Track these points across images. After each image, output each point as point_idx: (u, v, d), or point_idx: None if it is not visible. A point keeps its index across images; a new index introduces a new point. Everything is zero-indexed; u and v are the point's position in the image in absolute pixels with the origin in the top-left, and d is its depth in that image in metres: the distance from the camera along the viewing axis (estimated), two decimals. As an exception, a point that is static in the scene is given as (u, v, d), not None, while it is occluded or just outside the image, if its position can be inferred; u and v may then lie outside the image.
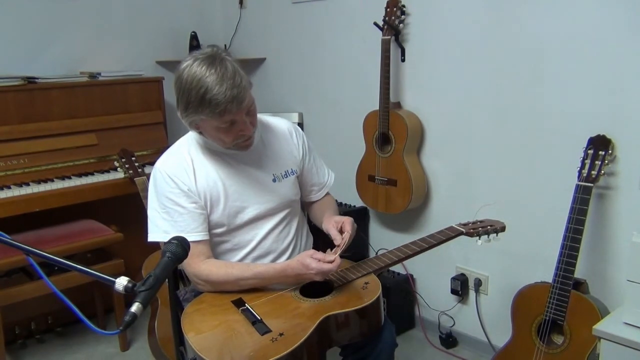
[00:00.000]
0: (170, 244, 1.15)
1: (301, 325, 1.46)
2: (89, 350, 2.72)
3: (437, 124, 2.61)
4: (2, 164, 2.60)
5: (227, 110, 1.47)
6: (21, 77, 2.76)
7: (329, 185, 1.91)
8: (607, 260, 2.10)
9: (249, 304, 1.56)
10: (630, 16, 1.94)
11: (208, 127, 1.54)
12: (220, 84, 1.44)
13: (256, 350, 1.39)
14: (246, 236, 1.69)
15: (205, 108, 1.47)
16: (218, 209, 1.64)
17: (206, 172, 1.63)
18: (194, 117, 1.52)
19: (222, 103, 1.45)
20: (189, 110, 1.51)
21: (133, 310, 1.02)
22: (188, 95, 1.48)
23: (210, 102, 1.45)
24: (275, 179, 1.72)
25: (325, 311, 1.49)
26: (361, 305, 1.52)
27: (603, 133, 1.99)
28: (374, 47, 2.62)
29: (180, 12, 3.51)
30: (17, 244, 1.10)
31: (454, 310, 2.70)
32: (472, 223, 1.79)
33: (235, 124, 1.53)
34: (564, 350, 1.93)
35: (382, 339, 1.59)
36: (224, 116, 1.48)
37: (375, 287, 1.60)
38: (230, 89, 1.45)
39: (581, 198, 1.92)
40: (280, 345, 1.40)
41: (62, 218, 2.69)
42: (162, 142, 3.10)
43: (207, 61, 1.48)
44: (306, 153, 1.82)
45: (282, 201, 1.73)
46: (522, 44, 2.24)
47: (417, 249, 1.65)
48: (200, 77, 1.45)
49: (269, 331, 1.45)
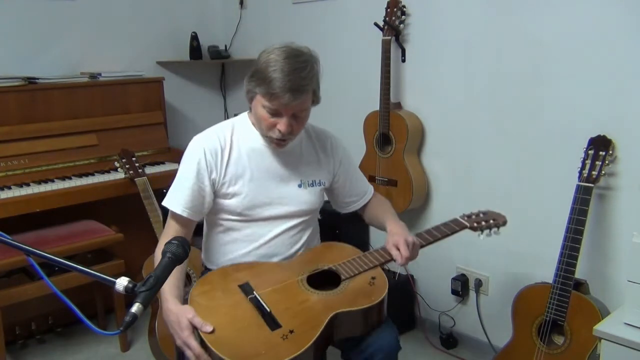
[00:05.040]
0: (170, 244, 1.15)
1: (311, 322, 1.47)
2: (90, 350, 2.72)
3: (437, 124, 2.61)
4: (2, 164, 2.60)
5: (278, 97, 1.52)
6: (22, 78, 2.76)
7: (370, 194, 1.90)
8: (608, 261, 2.10)
9: (258, 292, 1.56)
10: (630, 16, 1.94)
11: (258, 103, 1.60)
12: (287, 74, 1.51)
13: (267, 349, 1.41)
14: (258, 231, 1.71)
15: (263, 83, 1.54)
16: (239, 196, 1.67)
17: (240, 158, 1.67)
18: (252, 88, 1.60)
19: (278, 88, 1.51)
20: (253, 79, 1.58)
21: (133, 310, 1.02)
22: (259, 67, 1.56)
23: (270, 82, 1.52)
24: (301, 184, 1.74)
25: (334, 308, 1.51)
26: (369, 304, 1.54)
27: (603, 133, 1.99)
28: (374, 47, 2.62)
29: (180, 13, 3.51)
30: (17, 244, 1.10)
31: (454, 311, 2.70)
32: (476, 215, 1.81)
33: (279, 116, 1.58)
34: (564, 351, 1.93)
35: (386, 343, 1.59)
36: (273, 100, 1.54)
37: (382, 283, 1.62)
38: (292, 82, 1.51)
39: (582, 198, 1.92)
40: (291, 344, 1.42)
41: (62, 218, 2.69)
42: (162, 142, 3.10)
43: (293, 53, 1.56)
44: (343, 165, 1.83)
45: (302, 207, 1.74)
46: (522, 45, 2.25)
47: (422, 242, 1.67)
48: (277, 60, 1.53)
49: (279, 327, 1.46)
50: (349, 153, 1.88)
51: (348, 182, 1.85)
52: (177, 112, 3.54)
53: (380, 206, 1.88)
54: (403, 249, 1.58)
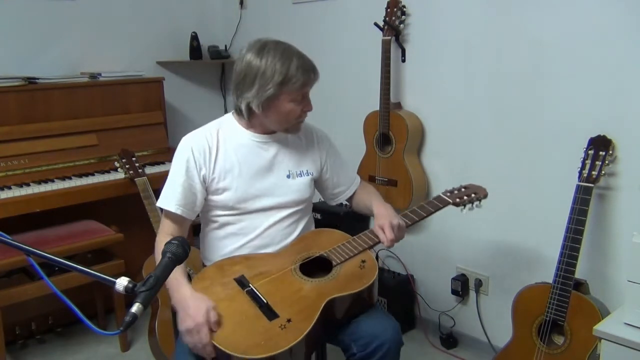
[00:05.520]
0: (170, 245, 1.15)
1: (307, 310, 1.52)
2: (90, 350, 2.72)
3: (437, 124, 2.61)
4: (2, 165, 2.60)
5: (310, 80, 1.65)
6: (22, 78, 2.76)
7: (357, 183, 1.98)
8: (608, 261, 2.10)
9: (253, 285, 1.60)
10: (630, 16, 1.94)
11: (283, 103, 1.65)
12: (299, 59, 1.63)
13: (267, 339, 1.44)
14: (251, 224, 1.74)
15: (289, 81, 1.61)
16: (229, 190, 1.71)
17: (228, 154, 1.72)
18: (273, 92, 1.62)
19: (306, 72, 1.62)
20: (268, 87, 1.61)
21: (133, 310, 1.03)
22: (270, 73, 1.60)
23: (296, 75, 1.60)
24: (289, 175, 1.78)
25: (328, 294, 1.56)
26: (361, 288, 1.60)
27: (603, 133, 1.99)
28: (374, 47, 2.61)
29: (180, 13, 3.51)
30: (17, 244, 1.10)
31: (454, 311, 2.70)
32: (457, 190, 1.88)
33: (304, 100, 1.69)
34: (564, 351, 1.93)
35: (389, 338, 1.60)
36: (305, 87, 1.65)
37: (373, 266, 1.67)
38: (308, 62, 1.64)
39: (582, 198, 1.92)
40: (289, 333, 1.46)
41: (62, 218, 2.69)
42: (162, 142, 3.10)
43: (278, 44, 1.64)
44: (329, 156, 1.89)
45: (292, 198, 1.78)
46: (522, 45, 2.24)
47: (408, 222, 1.74)
48: (280, 54, 1.61)
49: (276, 317, 1.50)
50: (334, 144, 1.94)
51: (336, 173, 1.92)
52: (177, 112, 3.54)
53: (365, 192, 1.95)
54: (388, 232, 1.65)
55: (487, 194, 1.89)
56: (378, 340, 1.59)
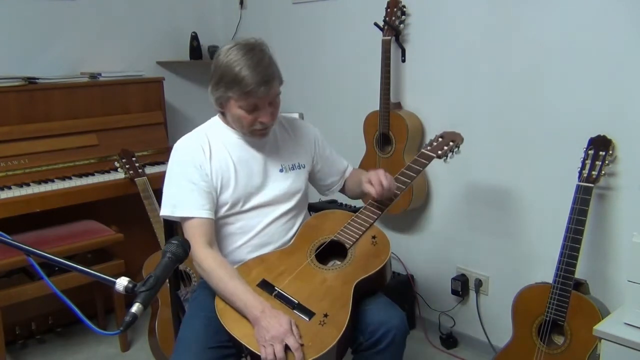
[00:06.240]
0: (170, 244, 1.15)
1: (339, 301, 1.52)
2: (90, 350, 2.72)
3: (437, 124, 2.60)
4: (2, 164, 2.60)
5: (254, 92, 1.58)
6: (22, 78, 2.76)
7: (349, 170, 2.00)
8: (608, 261, 2.10)
9: (278, 287, 1.57)
10: (630, 16, 1.94)
11: (232, 106, 1.64)
12: (254, 68, 1.57)
13: (312, 339, 1.43)
14: (250, 222, 1.74)
15: (235, 85, 1.58)
16: (228, 191, 1.71)
17: (221, 154, 1.72)
18: (223, 94, 1.63)
19: (251, 84, 1.57)
20: (220, 85, 1.62)
21: (133, 310, 1.03)
22: (223, 71, 1.60)
23: (242, 81, 1.57)
24: (282, 169, 1.79)
25: (354, 278, 1.58)
26: (382, 265, 1.63)
27: (603, 133, 1.99)
28: (374, 47, 2.61)
29: (180, 13, 3.51)
30: (17, 244, 1.10)
31: (454, 311, 2.70)
32: (436, 142, 1.89)
33: (257, 110, 1.63)
34: (564, 351, 1.93)
35: (395, 325, 1.61)
36: (250, 97, 1.59)
37: (384, 240, 1.71)
38: (261, 74, 1.58)
39: (582, 198, 1.92)
40: (331, 328, 1.46)
41: (62, 218, 2.69)
42: (162, 142, 3.10)
43: (248, 47, 1.62)
44: (319, 147, 1.91)
45: (287, 191, 1.79)
46: (522, 45, 2.24)
47: (402, 186, 1.75)
48: (238, 59, 1.59)
49: (313, 314, 1.49)
50: (322, 135, 1.95)
51: (327, 164, 1.93)
52: (177, 112, 3.54)
53: (355, 173, 1.99)
54: (375, 180, 1.67)
55: (463, 138, 1.90)
56: (384, 327, 1.59)
